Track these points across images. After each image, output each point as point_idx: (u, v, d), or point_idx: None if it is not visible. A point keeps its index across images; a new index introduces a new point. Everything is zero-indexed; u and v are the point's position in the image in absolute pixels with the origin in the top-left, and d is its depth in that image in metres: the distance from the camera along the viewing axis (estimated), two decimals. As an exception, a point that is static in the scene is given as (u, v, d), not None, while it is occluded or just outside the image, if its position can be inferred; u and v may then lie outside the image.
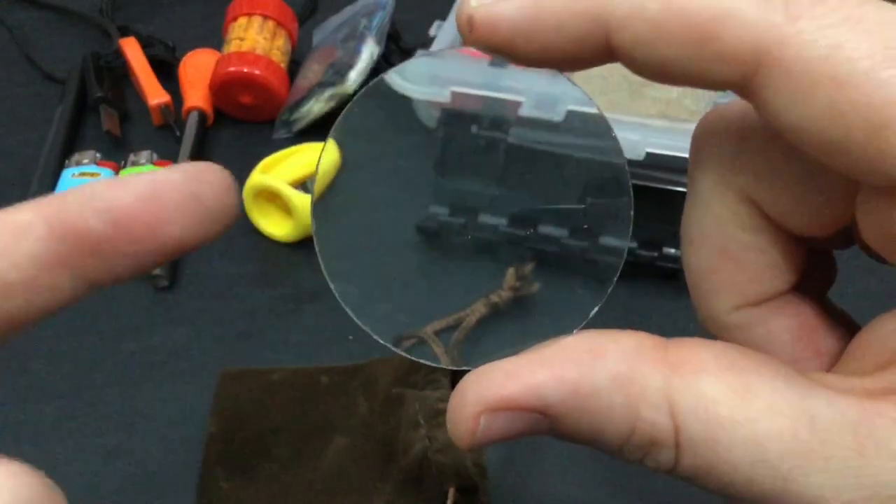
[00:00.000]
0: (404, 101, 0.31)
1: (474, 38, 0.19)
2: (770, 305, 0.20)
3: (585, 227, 0.35)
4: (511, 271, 0.38)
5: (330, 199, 0.19)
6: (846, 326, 0.21)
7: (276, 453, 0.39)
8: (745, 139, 0.19)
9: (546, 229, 0.37)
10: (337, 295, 0.19)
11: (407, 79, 0.37)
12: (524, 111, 0.38)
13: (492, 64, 0.39)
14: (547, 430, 0.18)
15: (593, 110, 0.20)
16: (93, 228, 0.16)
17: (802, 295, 0.21)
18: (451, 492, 0.32)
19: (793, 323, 0.20)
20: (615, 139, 0.20)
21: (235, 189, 0.18)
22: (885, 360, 0.17)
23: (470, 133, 0.38)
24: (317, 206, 0.21)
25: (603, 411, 0.17)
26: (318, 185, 0.23)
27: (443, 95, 0.39)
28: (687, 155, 0.20)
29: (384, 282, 0.30)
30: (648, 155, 0.44)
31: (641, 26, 0.17)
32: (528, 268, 0.38)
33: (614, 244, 0.29)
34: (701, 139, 0.20)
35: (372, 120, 0.23)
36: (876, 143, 0.15)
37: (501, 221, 0.37)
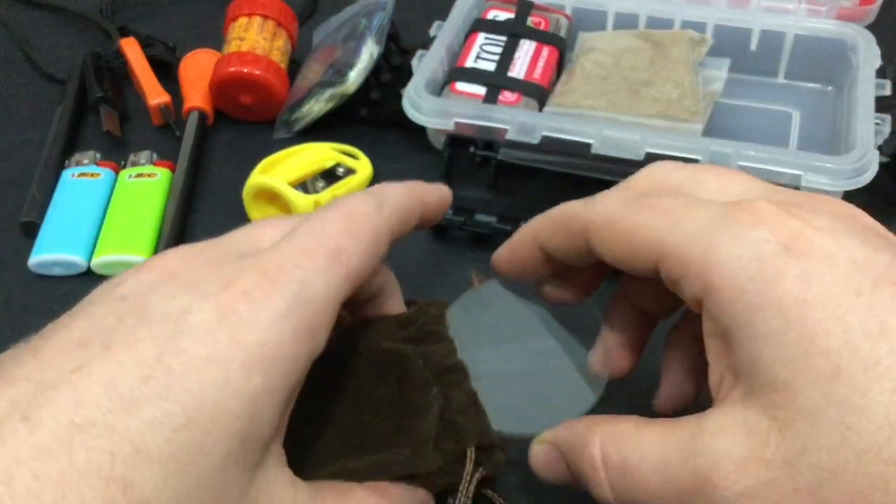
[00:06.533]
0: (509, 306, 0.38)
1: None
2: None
3: None
4: None
5: None
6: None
7: None
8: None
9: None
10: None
11: (421, 111, 0.48)
12: (510, 136, 0.47)
13: (484, 101, 0.51)
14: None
15: None
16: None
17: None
18: (472, 450, 0.32)
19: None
20: None
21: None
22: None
23: (469, 152, 0.50)
24: None
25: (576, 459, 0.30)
26: None
27: (448, 125, 0.48)
28: (687, 155, 0.21)
29: (406, 263, 0.47)
30: (648, 155, 0.44)
31: (607, 249, 0.30)
32: None
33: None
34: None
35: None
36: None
37: (493, 219, 0.49)
